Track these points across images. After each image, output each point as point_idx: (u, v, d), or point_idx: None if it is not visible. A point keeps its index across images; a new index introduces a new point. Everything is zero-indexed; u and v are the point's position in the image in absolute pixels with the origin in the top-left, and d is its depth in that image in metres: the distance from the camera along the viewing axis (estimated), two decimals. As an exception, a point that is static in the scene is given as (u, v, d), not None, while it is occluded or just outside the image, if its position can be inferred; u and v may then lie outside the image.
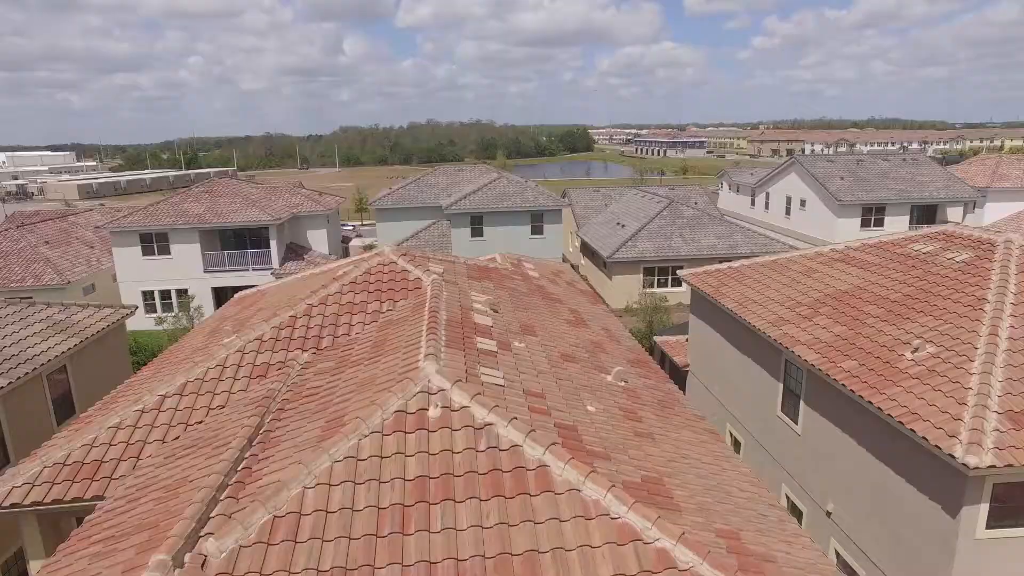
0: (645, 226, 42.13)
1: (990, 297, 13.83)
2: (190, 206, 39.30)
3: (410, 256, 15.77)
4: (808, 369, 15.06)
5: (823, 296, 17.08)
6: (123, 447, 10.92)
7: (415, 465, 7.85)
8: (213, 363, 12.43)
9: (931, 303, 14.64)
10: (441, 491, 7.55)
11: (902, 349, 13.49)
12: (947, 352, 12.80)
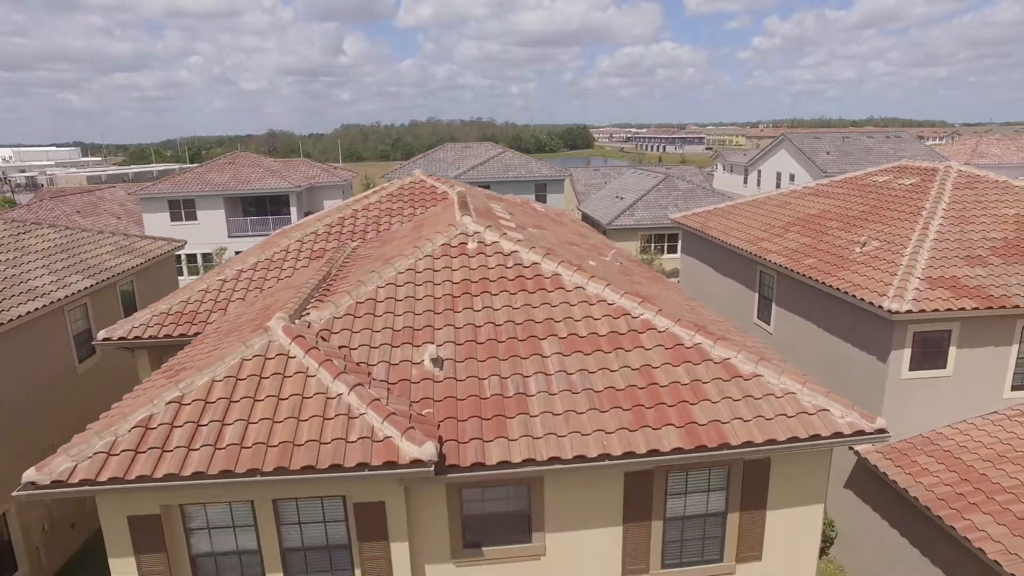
0: (642, 197, 44.65)
1: (927, 206, 16.42)
2: (215, 175, 41.85)
3: (436, 177, 18.36)
4: (778, 272, 17.64)
5: (793, 220, 19.66)
6: (212, 303, 13.48)
7: (459, 274, 10.43)
8: (278, 248, 15.01)
9: (880, 215, 17.22)
10: (480, 287, 10.13)
11: (853, 247, 16.07)
12: (887, 245, 15.38)
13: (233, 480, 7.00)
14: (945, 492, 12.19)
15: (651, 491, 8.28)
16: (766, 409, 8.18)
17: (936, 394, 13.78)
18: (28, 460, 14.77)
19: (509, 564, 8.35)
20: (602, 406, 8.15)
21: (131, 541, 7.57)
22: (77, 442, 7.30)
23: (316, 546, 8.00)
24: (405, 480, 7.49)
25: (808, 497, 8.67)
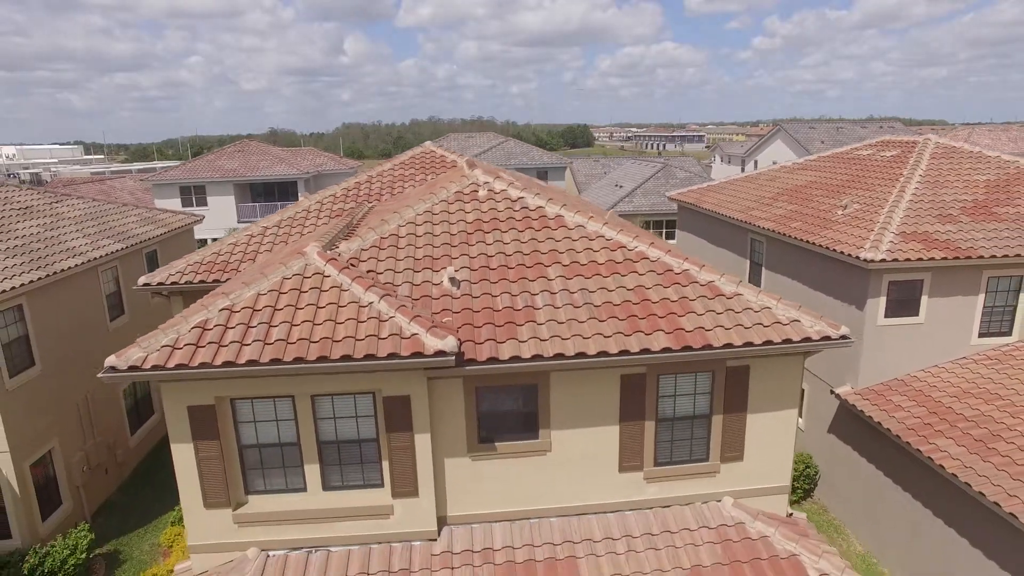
0: (640, 185, 45.77)
1: (905, 173, 17.55)
2: (224, 162, 42.99)
3: (445, 148, 19.49)
4: (767, 237, 18.75)
5: (782, 191, 20.78)
6: (241, 254, 14.58)
7: (472, 215, 11.55)
8: (300, 208, 16.13)
9: (862, 183, 18.33)
10: (491, 225, 11.25)
11: (836, 210, 17.19)
12: (867, 207, 16.50)
13: (281, 368, 8.11)
14: (915, 423, 13.31)
15: (644, 393, 9.40)
16: (745, 320, 9.29)
17: (910, 340, 14.89)
18: (65, 410, 15.92)
19: (519, 459, 9.46)
20: (600, 316, 9.27)
21: (190, 429, 8.68)
22: (146, 338, 8.41)
23: (349, 439, 9.12)
24: (430, 371, 8.60)
25: (783, 402, 9.77)
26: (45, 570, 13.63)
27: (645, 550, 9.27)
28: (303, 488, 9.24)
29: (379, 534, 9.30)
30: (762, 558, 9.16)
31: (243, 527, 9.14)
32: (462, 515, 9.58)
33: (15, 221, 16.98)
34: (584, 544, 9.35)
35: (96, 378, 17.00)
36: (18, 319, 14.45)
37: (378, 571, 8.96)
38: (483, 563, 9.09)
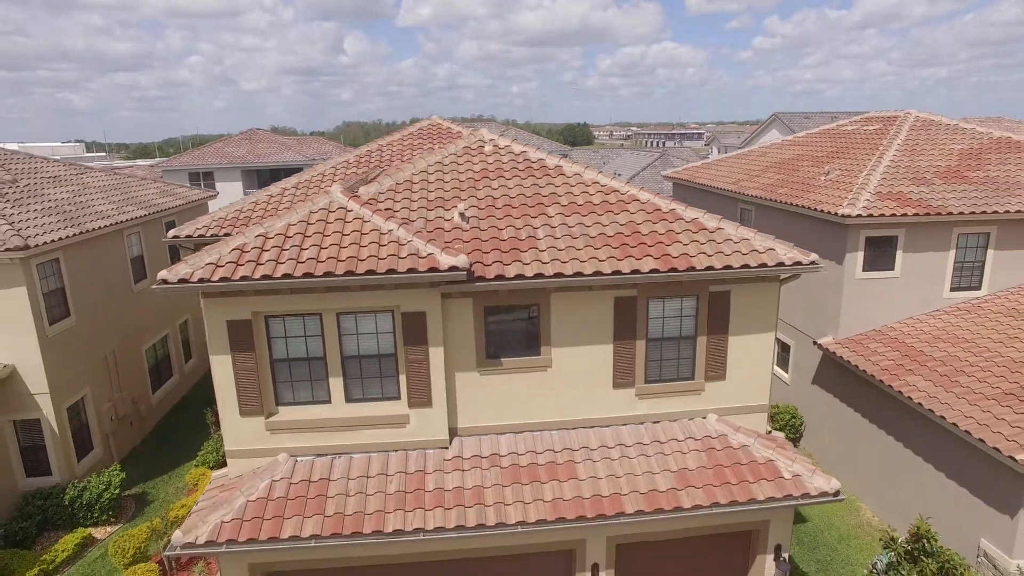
0: (638, 173, 46.85)
1: (884, 143, 18.60)
2: (232, 149, 44.03)
3: (451, 120, 20.55)
4: (755, 205, 19.80)
5: (770, 164, 21.83)
6: (263, 212, 15.60)
7: (479, 165, 12.61)
8: (316, 173, 17.16)
9: (845, 154, 19.39)
10: (496, 174, 12.30)
11: (819, 177, 18.24)
12: (847, 173, 17.55)
13: (313, 281, 9.14)
14: (888, 365, 14.36)
15: (635, 314, 10.44)
16: (725, 248, 10.33)
17: (886, 293, 15.93)
18: (95, 361, 16.90)
19: (522, 374, 10.50)
20: (595, 245, 10.31)
21: (228, 341, 9.72)
22: (192, 257, 9.45)
23: (369, 354, 10.16)
24: (444, 287, 9.63)
25: (762, 326, 10.81)
26: (83, 501, 14.67)
27: (637, 456, 10.31)
28: (328, 400, 10.28)
29: (396, 442, 10.35)
30: (742, 463, 10.20)
31: (274, 434, 10.18)
32: (471, 427, 10.62)
33: (46, 188, 18.01)
34: (582, 451, 10.39)
35: (122, 336, 18.13)
36: (55, 272, 15.48)
37: (396, 472, 10.01)
38: (490, 467, 10.13)
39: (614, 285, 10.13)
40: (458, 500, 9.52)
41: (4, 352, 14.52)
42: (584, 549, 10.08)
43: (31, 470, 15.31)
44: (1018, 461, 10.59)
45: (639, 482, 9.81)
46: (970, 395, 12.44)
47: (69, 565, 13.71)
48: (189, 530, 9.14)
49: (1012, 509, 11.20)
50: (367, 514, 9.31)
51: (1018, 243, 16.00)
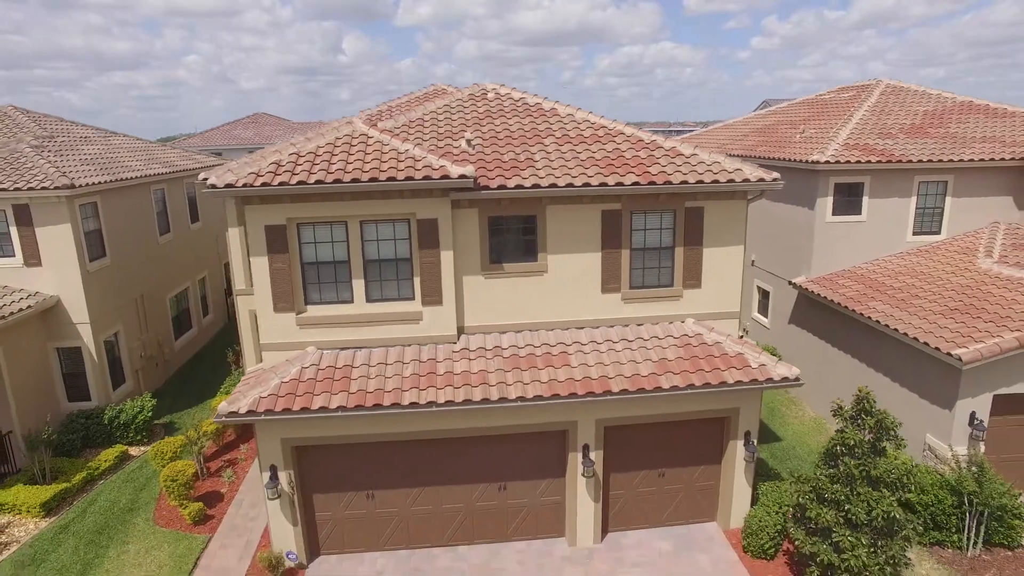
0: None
1: (855, 106, 20.12)
2: (240, 131, 45.45)
3: (454, 88, 22.00)
4: (737, 165, 21.28)
5: (752, 130, 23.36)
6: (283, 160, 17.02)
7: (483, 109, 14.08)
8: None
9: (820, 117, 20.90)
10: (498, 114, 13.78)
11: (795, 136, 19.74)
12: (820, 131, 19.05)
13: (341, 187, 10.57)
14: (853, 295, 15.84)
15: (620, 226, 11.89)
16: (699, 168, 11.80)
17: (854, 236, 17.42)
18: (126, 302, 18.23)
19: (522, 278, 11.96)
20: (585, 166, 11.78)
21: (266, 243, 11.16)
22: (236, 164, 10.88)
23: (388, 258, 11.60)
24: (454, 195, 11.08)
25: (731, 239, 12.26)
26: (120, 421, 16.09)
27: (623, 349, 11.77)
28: (351, 300, 11.72)
29: (411, 337, 11.80)
30: (715, 355, 11.65)
31: (303, 329, 11.63)
32: (476, 325, 12.07)
33: (79, 145, 19.42)
34: (574, 346, 11.85)
35: (149, 282, 19.55)
36: (94, 214, 16.89)
37: (411, 360, 11.45)
38: (494, 356, 11.58)
39: (601, 197, 11.60)
40: (465, 381, 10.96)
41: (50, 284, 15.93)
42: (576, 430, 11.52)
43: (72, 395, 16.71)
44: (953, 356, 12.07)
45: (624, 368, 11.26)
46: (921, 312, 13.93)
47: (111, 473, 15.12)
48: (232, 402, 10.57)
49: (950, 403, 12.68)
50: (386, 391, 10.74)
51: (974, 191, 17.50)
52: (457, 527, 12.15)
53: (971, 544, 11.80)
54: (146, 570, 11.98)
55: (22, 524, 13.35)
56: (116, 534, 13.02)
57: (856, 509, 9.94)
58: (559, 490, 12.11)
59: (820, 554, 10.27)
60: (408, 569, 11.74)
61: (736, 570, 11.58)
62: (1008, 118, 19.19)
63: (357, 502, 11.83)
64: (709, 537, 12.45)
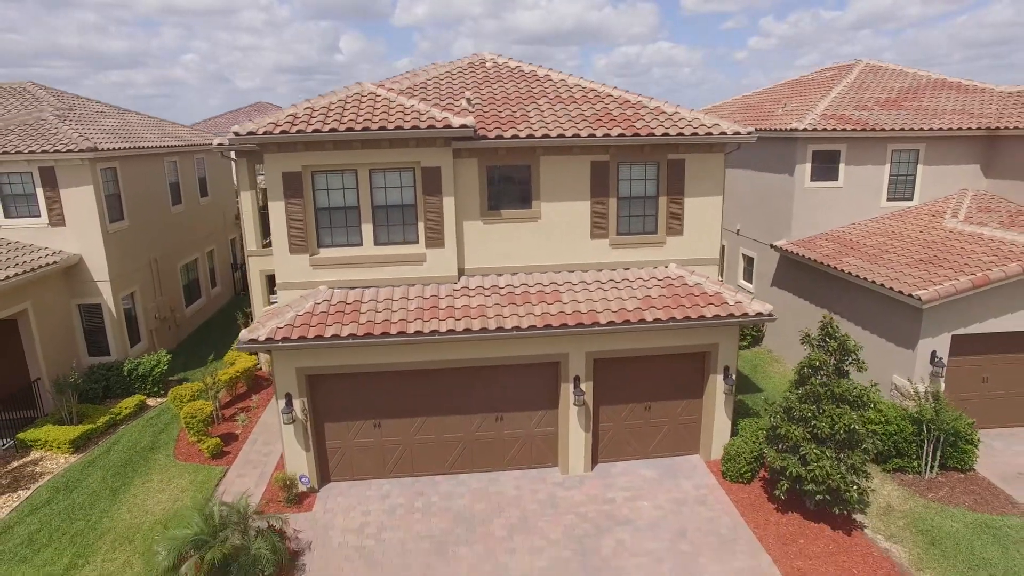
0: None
1: (835, 83, 21.19)
2: (243, 120, 46.30)
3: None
4: (723, 140, 22.34)
5: (739, 108, 24.41)
6: (293, 129, 18.01)
7: (482, 75, 15.11)
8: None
9: (802, 94, 21.96)
10: (496, 79, 14.81)
11: (777, 110, 20.80)
12: (800, 105, 20.12)
13: (353, 135, 11.57)
14: (830, 252, 16.88)
15: (608, 176, 12.92)
16: (680, 123, 12.84)
17: (832, 201, 18.46)
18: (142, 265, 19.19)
19: (517, 224, 12.97)
20: (576, 121, 12.80)
21: (283, 189, 12.16)
22: (249, 122, 11.86)
23: (395, 204, 12.60)
24: (455, 144, 12.08)
25: (711, 190, 13.29)
26: (139, 373, 17.05)
27: (610, 288, 12.79)
28: (360, 243, 12.72)
29: (415, 277, 12.81)
30: (695, 294, 12.67)
31: (316, 269, 12.62)
32: (475, 268, 13.08)
33: (97, 118, 20.39)
34: (565, 285, 12.87)
35: (162, 249, 20.51)
36: (113, 179, 17.87)
37: (415, 297, 12.46)
38: (491, 293, 12.59)
39: (590, 149, 12.63)
40: (465, 314, 11.96)
41: (73, 243, 16.89)
42: (567, 362, 12.52)
43: (92, 350, 17.67)
44: (914, 296, 13.12)
45: (611, 304, 12.27)
46: (890, 264, 14.98)
47: (131, 419, 16.08)
48: (252, 331, 11.55)
49: (913, 343, 13.73)
50: (392, 322, 11.73)
51: (944, 160, 18.55)
52: (457, 456, 13.15)
53: (928, 468, 12.84)
54: (170, 494, 12.95)
55: (53, 459, 14.31)
56: (140, 467, 13.98)
57: (821, 424, 10.96)
58: (552, 421, 13.11)
59: (789, 467, 11.28)
60: (412, 493, 12.73)
61: (715, 493, 12.60)
62: (978, 93, 20.27)
63: (365, 431, 12.82)
64: (692, 467, 13.46)
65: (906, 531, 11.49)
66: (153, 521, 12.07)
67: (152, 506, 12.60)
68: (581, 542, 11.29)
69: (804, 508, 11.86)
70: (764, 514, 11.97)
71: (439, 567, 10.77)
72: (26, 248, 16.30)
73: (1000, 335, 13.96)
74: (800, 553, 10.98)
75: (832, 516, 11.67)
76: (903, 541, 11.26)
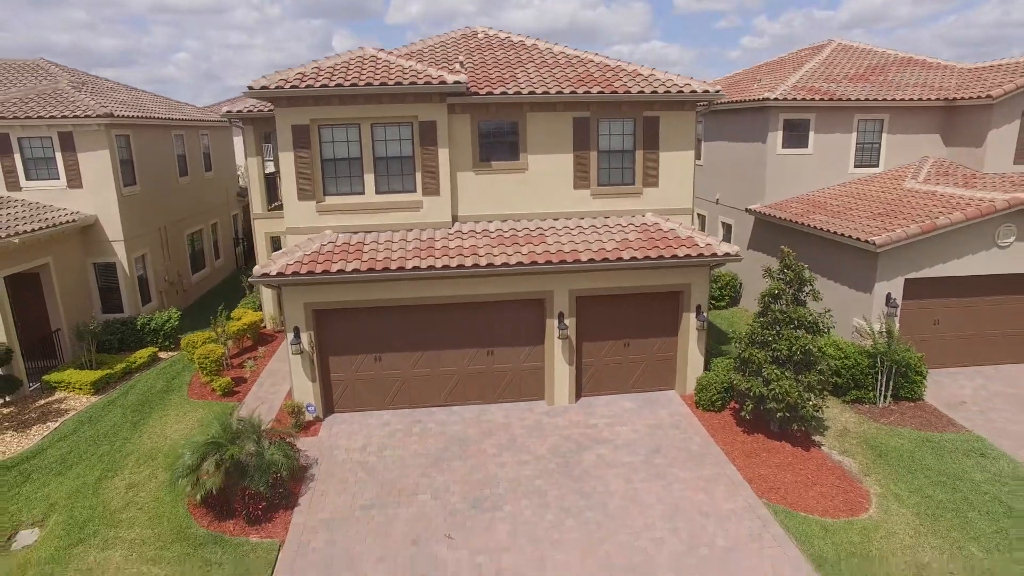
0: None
1: (808, 61, 22.46)
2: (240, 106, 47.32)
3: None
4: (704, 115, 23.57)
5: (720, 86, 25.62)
6: (296, 99, 19.13)
7: (473, 43, 16.29)
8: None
9: (777, 72, 23.22)
10: (487, 48, 16.00)
11: (753, 86, 22.06)
12: (775, 80, 21.37)
13: (358, 89, 12.72)
14: (799, 212, 18.13)
15: (588, 131, 14.10)
16: (654, 83, 14.04)
17: (802, 167, 19.71)
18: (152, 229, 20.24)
19: (506, 175, 14.14)
20: (560, 82, 13.99)
21: (292, 141, 13.29)
22: (268, 75, 13.01)
23: (394, 156, 13.75)
24: (449, 100, 13.24)
25: (683, 145, 14.50)
26: (151, 327, 18.13)
27: (591, 232, 13.97)
28: (362, 192, 13.86)
29: (412, 222, 13.96)
30: (669, 238, 13.86)
31: (322, 214, 13.76)
32: (467, 215, 14.25)
33: (110, 92, 21.46)
34: (550, 230, 14.05)
35: (170, 217, 21.60)
36: (127, 146, 18.95)
37: (413, 239, 13.61)
38: (482, 235, 13.76)
39: (572, 105, 13.82)
40: (459, 253, 13.12)
41: (89, 204, 17.96)
42: (552, 299, 13.68)
43: (106, 308, 18.73)
44: (870, 242, 14.36)
45: (592, 246, 13.46)
46: (852, 219, 16.24)
47: (145, 369, 17.15)
48: (264, 267, 12.68)
49: (870, 287, 14.98)
50: (392, 259, 12.88)
51: (907, 129, 19.83)
52: (452, 389, 14.30)
53: (882, 398, 14.08)
54: (186, 424, 14.06)
55: (76, 399, 15.39)
56: (156, 405, 15.07)
57: (780, 347, 12.18)
58: (539, 356, 14.28)
59: (753, 388, 12.49)
60: (410, 421, 13.88)
61: (688, 419, 13.80)
62: (940, 70, 21.58)
63: (367, 364, 13.96)
64: (668, 399, 14.66)
65: (858, 448, 12.72)
66: (173, 444, 13.17)
67: (171, 433, 13.70)
68: (564, 457, 12.47)
69: (768, 430, 13.06)
70: (732, 435, 13.17)
71: (435, 475, 11.93)
72: (46, 208, 17.36)
73: (949, 280, 15.23)
74: (762, 464, 12.18)
75: (792, 436, 12.89)
76: (854, 455, 12.48)
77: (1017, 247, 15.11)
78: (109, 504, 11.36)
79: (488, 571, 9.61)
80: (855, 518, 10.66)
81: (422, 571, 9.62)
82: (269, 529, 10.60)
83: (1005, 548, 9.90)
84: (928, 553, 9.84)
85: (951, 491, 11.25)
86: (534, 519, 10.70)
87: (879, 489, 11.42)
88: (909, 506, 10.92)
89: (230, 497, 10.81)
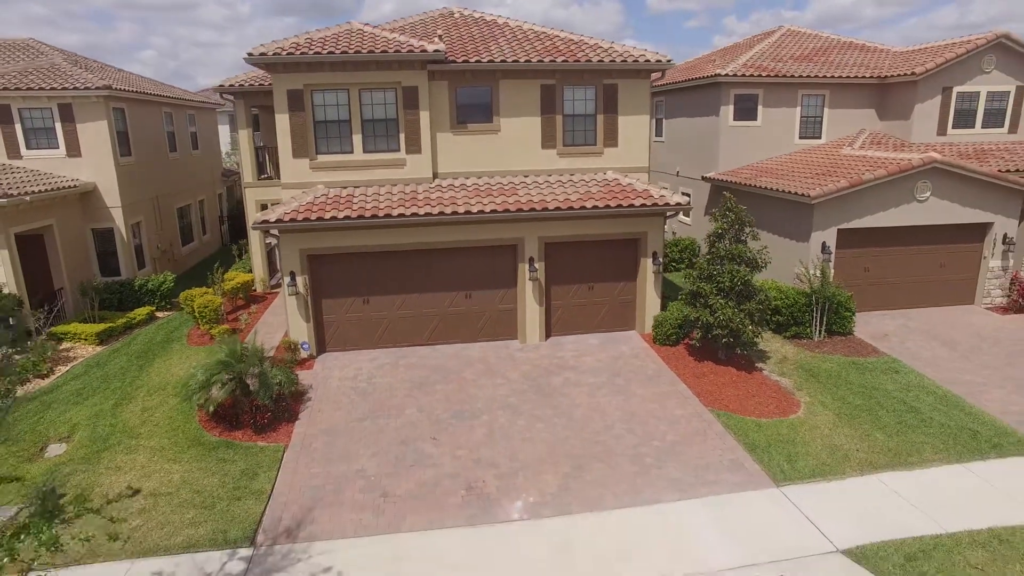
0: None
1: (758, 43, 24.37)
2: (220, 102, 48.21)
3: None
4: (666, 93, 25.38)
5: (679, 69, 27.49)
6: (284, 76, 20.44)
7: (451, 23, 17.81)
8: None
9: (731, 54, 25.08)
10: (463, 25, 17.51)
11: (710, 67, 23.90)
12: (728, 61, 23.22)
13: (347, 57, 14.14)
14: (749, 177, 19.96)
15: (555, 97, 15.71)
16: (613, 54, 15.70)
17: (752, 138, 21.57)
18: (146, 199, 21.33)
19: (481, 136, 15.69)
20: (529, 53, 15.58)
21: (287, 103, 14.67)
22: (267, 43, 14.39)
23: (380, 119, 15.20)
24: (429, 67, 14.74)
25: (639, 110, 16.18)
26: (148, 288, 19.29)
27: (557, 186, 15.57)
28: (351, 151, 15.28)
29: (397, 178, 15.43)
30: (627, 190, 15.52)
31: (314, 171, 15.16)
32: (446, 172, 15.76)
33: (101, 71, 22.51)
34: (521, 184, 15.62)
35: (162, 189, 22.72)
36: (123, 119, 20.08)
37: (397, 192, 15.08)
38: (460, 189, 15.28)
39: (540, 73, 15.41)
40: (440, 202, 14.62)
41: (88, 173, 19.07)
42: (523, 245, 15.24)
43: (104, 271, 19.83)
44: (805, 195, 16.19)
45: (559, 197, 15.05)
46: (794, 180, 18.08)
47: (144, 325, 18.33)
48: (263, 215, 14.04)
49: (807, 236, 16.84)
50: (380, 208, 14.33)
51: (846, 104, 21.80)
52: (434, 329, 15.78)
53: (817, 332, 15.90)
54: (189, 364, 15.31)
55: (82, 348, 16.54)
56: (159, 352, 16.29)
57: (723, 279, 13.90)
58: (512, 299, 15.83)
59: (702, 317, 14.19)
60: (396, 356, 15.33)
61: (647, 352, 15.46)
62: (876, 52, 23.65)
63: (356, 307, 15.38)
64: (629, 337, 16.31)
65: (794, 370, 14.50)
66: (179, 378, 14.44)
67: (176, 371, 14.96)
68: (536, 380, 14.05)
69: (716, 358, 14.77)
70: (684, 363, 14.87)
71: (420, 396, 13.42)
72: (47, 175, 18.45)
73: (876, 230, 17.15)
74: (710, 383, 13.89)
75: (737, 361, 14.63)
76: (791, 376, 14.26)
77: (933, 201, 17.09)
78: (127, 423, 12.64)
79: (467, 461, 11.14)
80: (785, 418, 12.41)
81: (410, 462, 11.12)
82: (274, 437, 12.00)
83: (904, 434, 11.72)
84: (841, 439, 11.61)
85: (867, 398, 13.08)
86: (508, 425, 12.26)
87: (808, 399, 13.20)
88: (831, 409, 12.71)
89: (238, 412, 12.19)
